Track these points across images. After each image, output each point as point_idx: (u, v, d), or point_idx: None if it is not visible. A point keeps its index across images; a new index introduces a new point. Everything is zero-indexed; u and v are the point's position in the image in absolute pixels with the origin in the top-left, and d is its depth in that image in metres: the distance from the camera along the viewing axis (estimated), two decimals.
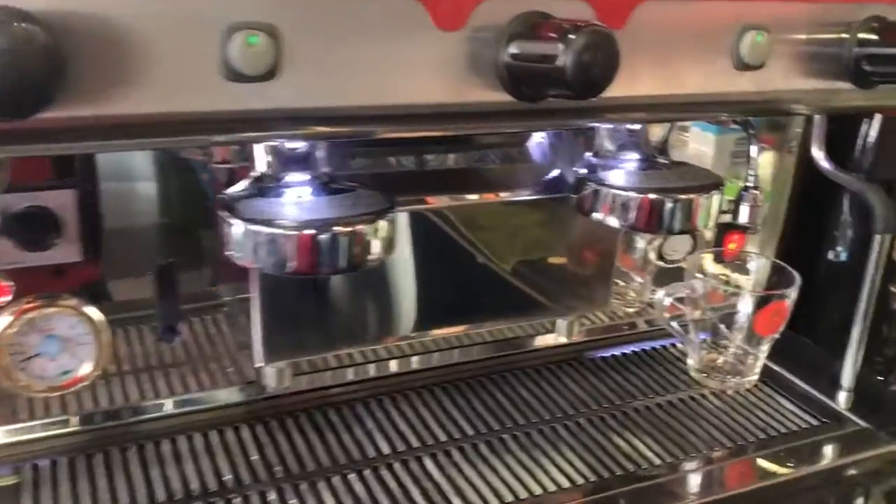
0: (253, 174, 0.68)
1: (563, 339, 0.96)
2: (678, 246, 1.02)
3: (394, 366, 0.91)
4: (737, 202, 0.92)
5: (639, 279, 1.06)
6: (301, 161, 0.67)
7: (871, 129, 1.02)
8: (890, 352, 1.16)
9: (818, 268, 1.13)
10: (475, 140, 0.85)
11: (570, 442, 0.83)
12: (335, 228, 0.62)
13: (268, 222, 0.61)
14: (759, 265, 0.97)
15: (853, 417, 0.90)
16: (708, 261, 0.96)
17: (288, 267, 0.61)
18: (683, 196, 0.75)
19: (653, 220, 0.75)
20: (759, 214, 0.93)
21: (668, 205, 0.75)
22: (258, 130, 0.58)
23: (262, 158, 0.67)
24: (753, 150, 0.91)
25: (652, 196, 0.75)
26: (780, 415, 0.91)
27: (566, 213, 0.83)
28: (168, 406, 0.82)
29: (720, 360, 0.94)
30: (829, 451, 0.85)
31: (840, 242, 1.09)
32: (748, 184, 0.92)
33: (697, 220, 0.76)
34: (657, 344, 1.04)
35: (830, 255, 1.11)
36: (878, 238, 0.83)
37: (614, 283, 1.03)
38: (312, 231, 0.61)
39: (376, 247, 0.64)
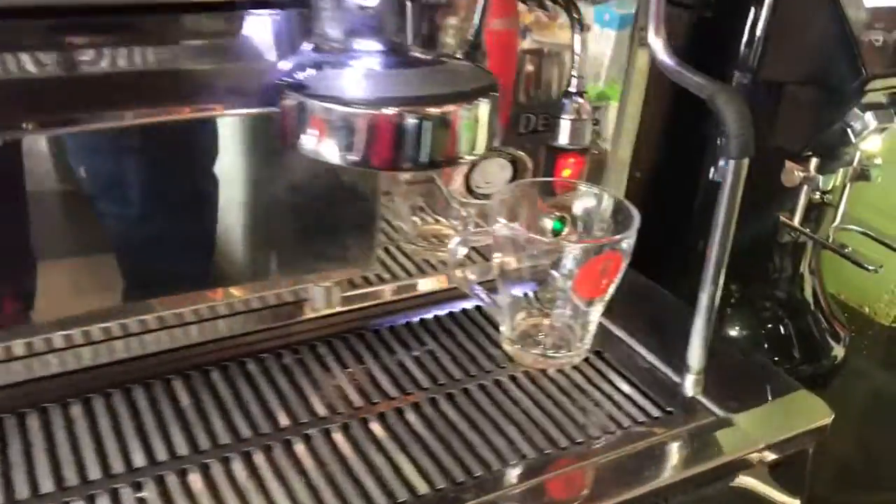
0: None
1: (328, 309, 0.71)
2: (493, 175, 0.76)
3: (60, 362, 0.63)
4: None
5: (463, 213, 0.82)
6: None
7: (761, 14, 0.80)
8: (782, 294, 0.96)
9: (697, 194, 0.92)
10: (152, 27, 0.56)
11: (306, 462, 0.59)
12: None
13: None
14: (596, 200, 0.72)
15: (707, 403, 0.67)
16: (529, 194, 0.71)
17: None
18: (434, 109, 0.49)
19: (387, 150, 0.49)
20: (586, 131, 0.68)
21: (410, 122, 0.48)
22: None
23: None
24: (577, 41, 0.65)
25: (384, 111, 0.48)
26: (613, 403, 0.67)
27: None
28: None
29: (540, 327, 0.70)
30: (667, 458, 0.62)
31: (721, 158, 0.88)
32: (570, 89, 0.66)
33: (458, 146, 0.50)
34: (472, 304, 0.79)
35: (711, 175, 0.90)
36: (731, 165, 0.58)
37: (424, 222, 0.79)
38: None
39: None
